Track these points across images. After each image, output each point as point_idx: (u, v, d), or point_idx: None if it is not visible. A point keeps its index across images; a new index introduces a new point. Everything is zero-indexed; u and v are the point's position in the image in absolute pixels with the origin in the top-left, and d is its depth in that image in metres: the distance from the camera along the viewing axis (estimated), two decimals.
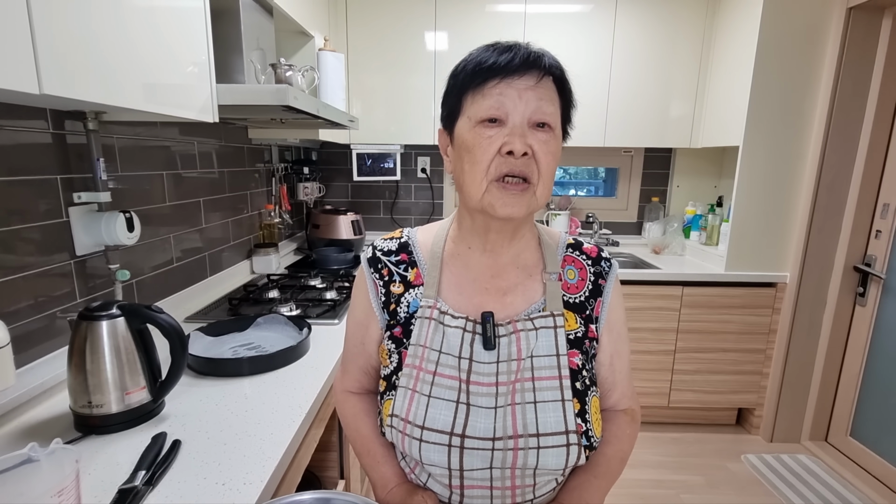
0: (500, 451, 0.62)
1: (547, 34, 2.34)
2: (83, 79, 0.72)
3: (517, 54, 0.61)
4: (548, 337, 0.66)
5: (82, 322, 0.85)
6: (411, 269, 0.73)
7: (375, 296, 0.73)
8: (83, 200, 1.09)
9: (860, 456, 2.15)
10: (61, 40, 0.67)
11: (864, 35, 1.96)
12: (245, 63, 1.41)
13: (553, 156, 0.62)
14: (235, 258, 1.94)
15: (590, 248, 0.75)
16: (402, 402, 0.66)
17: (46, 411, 0.93)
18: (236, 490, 0.72)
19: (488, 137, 0.61)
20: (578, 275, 0.72)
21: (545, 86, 0.62)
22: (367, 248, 0.77)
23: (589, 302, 0.71)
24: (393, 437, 0.66)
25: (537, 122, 0.61)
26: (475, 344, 0.66)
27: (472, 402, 0.64)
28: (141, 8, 0.85)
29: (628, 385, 0.76)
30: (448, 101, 0.68)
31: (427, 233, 0.77)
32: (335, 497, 0.55)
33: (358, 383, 0.80)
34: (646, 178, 2.85)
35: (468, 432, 0.62)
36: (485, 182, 0.62)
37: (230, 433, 0.86)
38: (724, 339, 2.31)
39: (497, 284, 0.70)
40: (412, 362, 0.67)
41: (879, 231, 2.05)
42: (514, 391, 0.64)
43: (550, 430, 0.62)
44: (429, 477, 0.69)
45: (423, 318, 0.68)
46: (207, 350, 1.20)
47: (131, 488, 0.70)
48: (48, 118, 1.02)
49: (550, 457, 0.62)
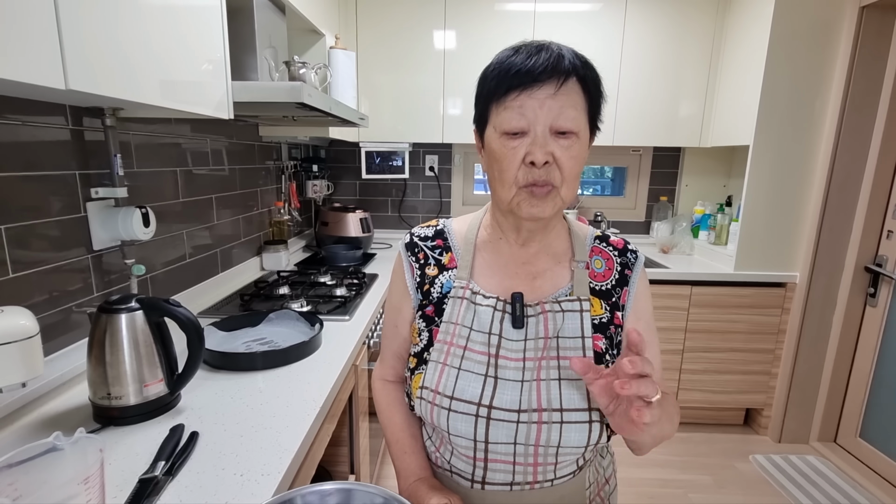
0: (525, 425, 0.65)
1: (556, 33, 2.34)
2: (105, 75, 0.73)
3: (536, 62, 0.62)
4: (573, 320, 0.69)
5: (102, 315, 0.86)
6: (446, 253, 0.77)
7: (411, 276, 0.77)
8: (100, 196, 1.11)
9: (870, 457, 2.14)
10: (86, 37, 0.68)
11: (877, 34, 1.95)
12: (259, 61, 1.43)
13: (576, 159, 0.64)
14: (246, 255, 1.95)
15: (616, 241, 0.78)
16: (432, 374, 0.69)
17: (66, 403, 0.94)
18: (254, 481, 0.73)
19: (513, 149, 0.63)
20: (605, 265, 0.75)
21: (567, 90, 0.63)
22: (405, 235, 0.81)
23: (615, 290, 0.73)
24: (422, 409, 0.69)
25: (559, 129, 0.62)
26: (504, 322, 0.70)
27: (500, 376, 0.67)
28: (160, 6, 0.87)
29: (659, 379, 0.75)
30: (478, 106, 0.70)
31: (461, 222, 0.81)
32: (356, 488, 0.56)
33: (393, 370, 0.83)
34: (654, 177, 2.84)
35: (495, 403, 0.65)
36: (513, 188, 0.65)
37: (246, 426, 0.87)
38: (733, 338, 2.30)
39: (527, 270, 0.74)
40: (444, 338, 0.71)
41: (891, 231, 2.04)
42: (539, 367, 0.67)
43: (574, 407, 0.65)
44: (452, 453, 0.71)
45: (455, 298, 0.72)
46: (221, 344, 1.21)
47: (152, 478, 0.71)
48: (67, 114, 1.04)
49: (573, 433, 0.64)
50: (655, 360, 0.75)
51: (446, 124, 2.46)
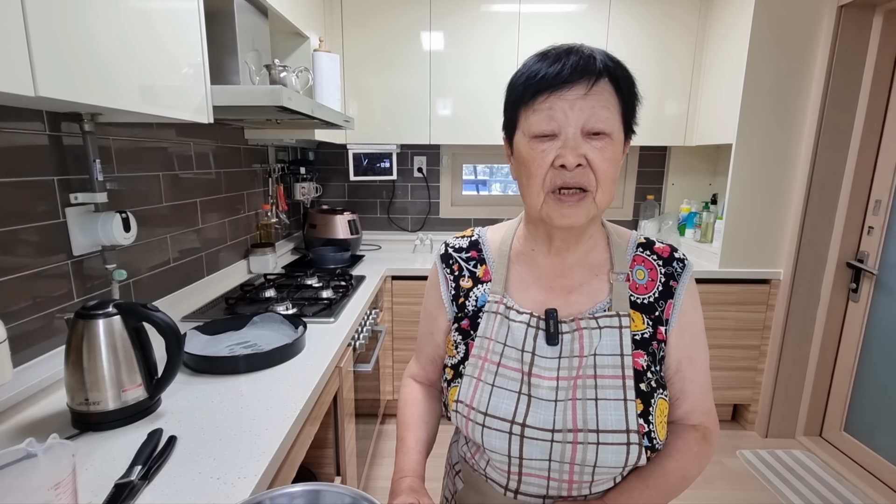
0: (560, 444, 0.63)
1: (541, 34, 2.35)
2: (79, 81, 0.73)
3: (565, 64, 0.60)
4: (612, 336, 0.67)
5: (79, 320, 0.86)
6: (480, 265, 0.77)
7: (446, 289, 0.78)
8: (80, 201, 1.10)
9: (854, 451, 2.17)
10: (57, 42, 0.68)
11: (856, 33, 1.98)
12: (240, 64, 1.43)
13: (610, 161, 0.62)
14: (232, 258, 1.95)
15: (662, 248, 0.73)
16: (467, 389, 0.69)
17: (44, 409, 0.94)
18: (231, 484, 0.73)
19: (542, 151, 0.62)
20: (648, 275, 0.71)
21: (599, 90, 0.61)
22: (441, 246, 0.82)
23: (658, 303, 0.70)
24: (458, 422, 0.70)
25: (591, 130, 0.61)
26: (538, 339, 0.68)
27: (534, 394, 0.66)
28: (136, 10, 0.87)
29: (703, 398, 0.72)
30: (507, 112, 0.69)
31: (496, 232, 0.80)
32: (325, 488, 0.57)
33: (423, 371, 0.85)
34: (641, 176, 2.87)
35: (528, 422, 0.64)
36: (542, 194, 0.64)
37: (225, 429, 0.88)
38: (720, 335, 2.33)
39: (562, 283, 0.72)
40: (478, 353, 0.70)
41: (871, 227, 2.07)
42: (574, 387, 0.65)
43: (611, 428, 0.63)
44: (488, 463, 0.71)
45: (489, 313, 0.72)
46: (204, 348, 1.21)
47: (127, 483, 0.71)
48: (45, 120, 1.04)
49: (610, 454, 0.62)
50: (698, 381, 0.71)
51: (434, 125, 2.47)
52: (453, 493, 0.82)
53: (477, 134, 2.46)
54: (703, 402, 0.72)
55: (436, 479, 0.99)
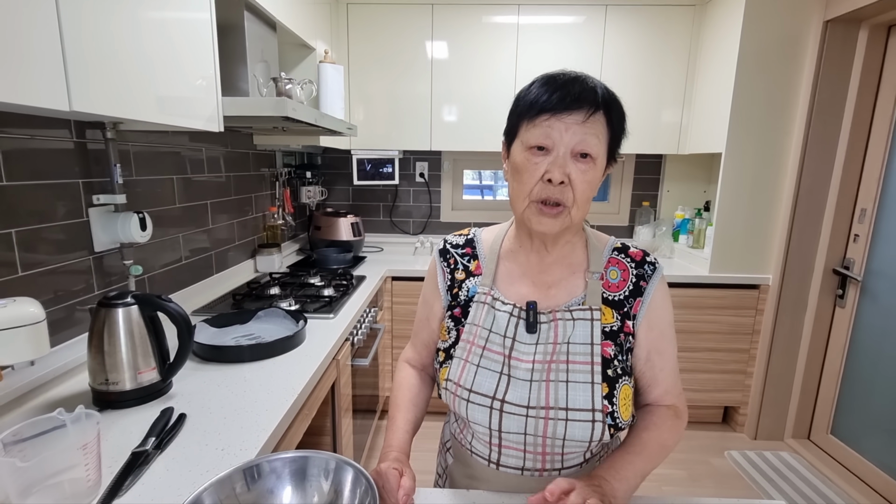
0: (533, 419, 0.73)
1: (539, 45, 2.44)
2: (106, 96, 0.83)
3: (569, 93, 0.68)
4: (584, 327, 0.76)
5: (101, 309, 0.96)
6: (473, 260, 0.87)
7: (442, 279, 0.87)
8: (101, 202, 1.21)
9: (841, 454, 2.22)
10: (87, 63, 0.78)
11: (841, 47, 2.04)
12: (249, 75, 1.53)
13: (589, 184, 0.71)
14: (240, 257, 2.05)
15: (635, 253, 0.83)
16: (456, 369, 0.79)
17: (68, 389, 1.04)
18: (233, 454, 0.82)
19: (535, 164, 0.71)
20: (621, 275, 0.80)
21: (594, 120, 0.69)
22: (440, 242, 0.91)
23: (628, 300, 0.79)
24: (447, 398, 0.80)
25: (580, 152, 0.69)
26: (519, 327, 0.78)
27: (513, 375, 0.76)
28: (154, 28, 0.97)
29: (673, 383, 0.82)
30: (510, 120, 0.77)
31: (490, 232, 0.90)
32: (314, 455, 0.65)
33: (418, 355, 0.93)
34: (637, 183, 2.94)
35: (508, 398, 0.74)
36: (527, 200, 0.73)
37: (230, 409, 0.97)
38: (710, 338, 2.39)
39: (543, 279, 0.81)
40: (467, 338, 0.80)
41: (857, 235, 2.13)
42: (549, 370, 0.75)
43: (579, 407, 0.72)
44: (473, 436, 0.81)
45: (479, 303, 0.81)
46: (212, 339, 1.31)
47: (143, 451, 0.81)
48: (72, 128, 1.14)
49: (577, 429, 0.72)
50: (667, 369, 0.81)
51: (435, 132, 2.57)
52: (445, 468, 0.92)
53: (476, 141, 2.55)
54: (674, 386, 0.83)
55: (428, 472, 1.07)
